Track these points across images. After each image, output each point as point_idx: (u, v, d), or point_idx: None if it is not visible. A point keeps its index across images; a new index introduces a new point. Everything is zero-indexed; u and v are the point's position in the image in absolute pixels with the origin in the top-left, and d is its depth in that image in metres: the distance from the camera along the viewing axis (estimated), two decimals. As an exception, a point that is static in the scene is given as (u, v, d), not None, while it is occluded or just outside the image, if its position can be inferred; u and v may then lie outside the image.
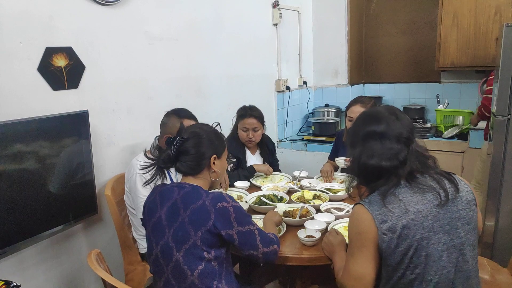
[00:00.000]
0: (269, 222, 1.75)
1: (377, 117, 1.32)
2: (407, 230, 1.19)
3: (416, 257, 1.19)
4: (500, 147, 2.36)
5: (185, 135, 1.50)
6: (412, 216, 1.20)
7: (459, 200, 1.26)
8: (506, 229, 2.42)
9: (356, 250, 1.26)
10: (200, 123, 1.69)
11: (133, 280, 2.16)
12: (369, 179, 1.30)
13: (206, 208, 1.40)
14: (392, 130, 1.27)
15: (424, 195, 1.23)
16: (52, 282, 2.11)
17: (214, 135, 1.56)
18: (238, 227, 1.42)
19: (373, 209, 1.22)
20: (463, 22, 3.31)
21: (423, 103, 3.92)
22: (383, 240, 1.20)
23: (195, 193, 1.45)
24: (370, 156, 1.26)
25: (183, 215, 1.41)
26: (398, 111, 1.35)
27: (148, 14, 2.46)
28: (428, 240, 1.19)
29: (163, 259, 1.45)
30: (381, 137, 1.27)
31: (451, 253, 1.22)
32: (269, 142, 2.85)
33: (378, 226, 1.20)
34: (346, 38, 4.02)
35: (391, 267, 1.22)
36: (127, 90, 2.38)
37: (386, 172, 1.25)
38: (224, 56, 3.10)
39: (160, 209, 1.48)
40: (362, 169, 1.29)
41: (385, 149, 1.26)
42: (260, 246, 1.46)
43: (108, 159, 2.31)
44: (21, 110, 1.86)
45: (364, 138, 1.30)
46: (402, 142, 1.27)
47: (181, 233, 1.40)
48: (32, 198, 1.85)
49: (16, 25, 1.84)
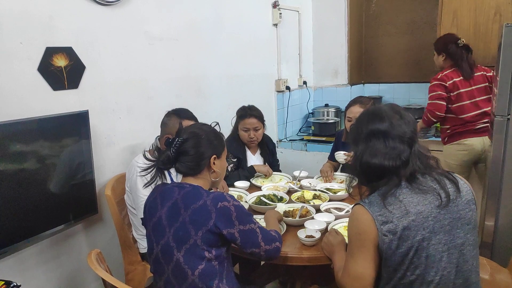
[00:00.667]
0: (272, 218, 1.75)
1: (381, 116, 1.30)
2: (407, 231, 1.18)
3: (417, 258, 1.19)
4: (500, 147, 2.35)
5: (184, 136, 1.50)
6: (412, 217, 1.19)
7: (459, 200, 1.26)
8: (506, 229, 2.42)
9: (355, 250, 1.26)
10: (199, 123, 1.69)
11: (133, 280, 2.16)
12: (371, 179, 1.29)
13: (207, 208, 1.40)
14: (396, 129, 1.26)
15: (424, 196, 1.23)
16: (52, 282, 2.11)
17: (213, 135, 1.56)
18: (240, 225, 1.42)
19: (374, 210, 1.21)
20: (463, 22, 3.31)
21: (423, 103, 3.91)
22: (384, 242, 1.19)
23: (195, 193, 1.45)
24: (373, 155, 1.25)
25: (183, 215, 1.41)
26: (402, 110, 1.34)
27: (148, 14, 2.46)
28: (428, 241, 1.19)
29: (163, 258, 1.45)
30: (385, 136, 1.26)
31: (452, 253, 1.22)
32: (270, 142, 2.85)
33: (379, 227, 1.19)
34: (346, 38, 4.02)
35: (391, 268, 1.22)
36: (127, 90, 2.39)
37: (388, 172, 1.25)
38: (224, 56, 3.10)
39: (161, 209, 1.48)
40: (364, 167, 1.28)
41: (388, 149, 1.25)
42: (262, 243, 1.46)
43: (108, 159, 2.31)
44: (21, 110, 1.86)
45: (367, 136, 1.29)
46: (405, 142, 1.26)
47: (182, 233, 1.40)
48: (32, 198, 1.85)
49: (16, 25, 1.84)
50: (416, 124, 1.33)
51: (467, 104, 2.85)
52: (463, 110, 2.85)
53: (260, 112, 2.63)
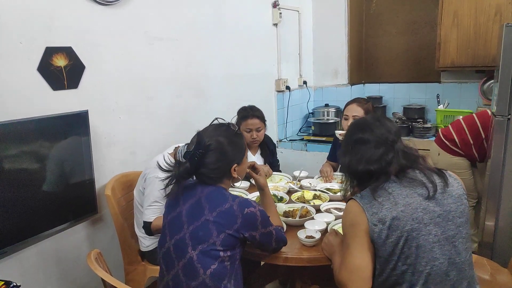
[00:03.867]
0: (272, 207, 1.75)
1: (363, 125, 1.41)
2: (397, 221, 1.24)
3: (407, 248, 1.24)
4: (500, 147, 2.36)
5: (204, 147, 1.47)
6: (401, 208, 1.26)
7: (448, 194, 1.31)
8: (506, 229, 2.42)
9: (350, 241, 1.30)
10: (219, 125, 1.59)
11: (133, 280, 2.16)
12: (361, 182, 1.38)
13: (233, 213, 1.42)
14: (376, 135, 1.36)
15: (413, 189, 1.29)
16: (52, 282, 2.11)
17: (234, 140, 1.54)
18: (262, 229, 1.47)
19: (364, 202, 1.29)
20: (463, 22, 3.31)
21: (423, 103, 3.92)
22: (374, 231, 1.25)
23: (219, 194, 1.47)
24: (359, 162, 1.34)
25: (207, 215, 1.42)
26: (381, 118, 1.45)
27: (148, 14, 2.46)
28: (418, 231, 1.24)
29: (175, 253, 1.45)
30: (367, 142, 1.35)
31: (443, 245, 1.26)
32: (270, 142, 2.85)
33: (369, 217, 1.26)
34: (346, 38, 4.01)
35: (383, 258, 1.26)
36: (127, 90, 2.38)
37: (375, 174, 1.32)
38: (224, 56, 3.10)
39: (183, 204, 1.49)
40: (354, 174, 1.38)
41: (371, 154, 1.33)
42: (273, 243, 1.55)
43: (108, 159, 2.31)
44: (21, 110, 1.86)
45: (352, 145, 1.39)
46: (387, 144, 1.34)
47: (202, 233, 1.41)
48: (32, 198, 1.85)
49: (16, 25, 1.84)
50: (397, 127, 1.43)
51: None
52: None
53: (262, 113, 2.63)
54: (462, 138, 2.73)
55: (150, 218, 1.96)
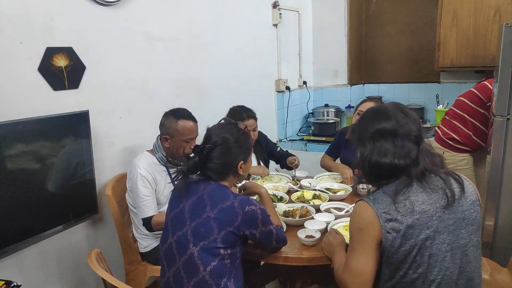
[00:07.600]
0: (271, 208, 1.76)
1: (387, 114, 1.29)
2: (411, 230, 1.18)
3: (420, 257, 1.19)
4: (500, 147, 2.36)
5: (212, 142, 1.52)
6: (417, 216, 1.19)
7: (464, 200, 1.26)
8: (506, 229, 2.42)
9: (357, 246, 1.26)
10: (227, 123, 1.64)
11: (133, 280, 2.16)
12: (380, 178, 1.28)
13: (234, 210, 1.43)
14: (403, 127, 1.26)
15: (430, 195, 1.22)
16: (52, 282, 2.11)
17: (242, 138, 1.57)
18: (262, 227, 1.48)
19: (378, 207, 1.21)
20: (463, 22, 3.31)
21: (422, 103, 3.93)
22: (387, 239, 1.19)
23: (221, 192, 1.48)
24: (383, 154, 1.24)
25: (209, 212, 1.44)
26: (406, 108, 1.33)
27: (148, 14, 2.47)
28: (432, 240, 1.19)
29: (177, 249, 1.47)
30: (392, 135, 1.25)
31: (455, 253, 1.22)
32: (261, 138, 2.78)
33: (383, 224, 1.19)
34: (346, 38, 4.02)
35: (394, 265, 1.22)
36: (127, 90, 2.39)
37: (398, 170, 1.24)
38: (224, 57, 3.10)
39: (185, 201, 1.51)
40: (374, 167, 1.26)
41: (397, 147, 1.24)
42: (274, 242, 1.56)
43: (109, 159, 2.31)
44: (21, 110, 1.86)
45: (373, 135, 1.28)
46: (413, 140, 1.26)
47: (204, 230, 1.43)
48: (32, 198, 1.85)
49: (17, 25, 1.85)
50: (420, 122, 1.32)
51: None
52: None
53: (254, 112, 2.61)
54: (458, 132, 2.77)
55: (148, 214, 1.98)
